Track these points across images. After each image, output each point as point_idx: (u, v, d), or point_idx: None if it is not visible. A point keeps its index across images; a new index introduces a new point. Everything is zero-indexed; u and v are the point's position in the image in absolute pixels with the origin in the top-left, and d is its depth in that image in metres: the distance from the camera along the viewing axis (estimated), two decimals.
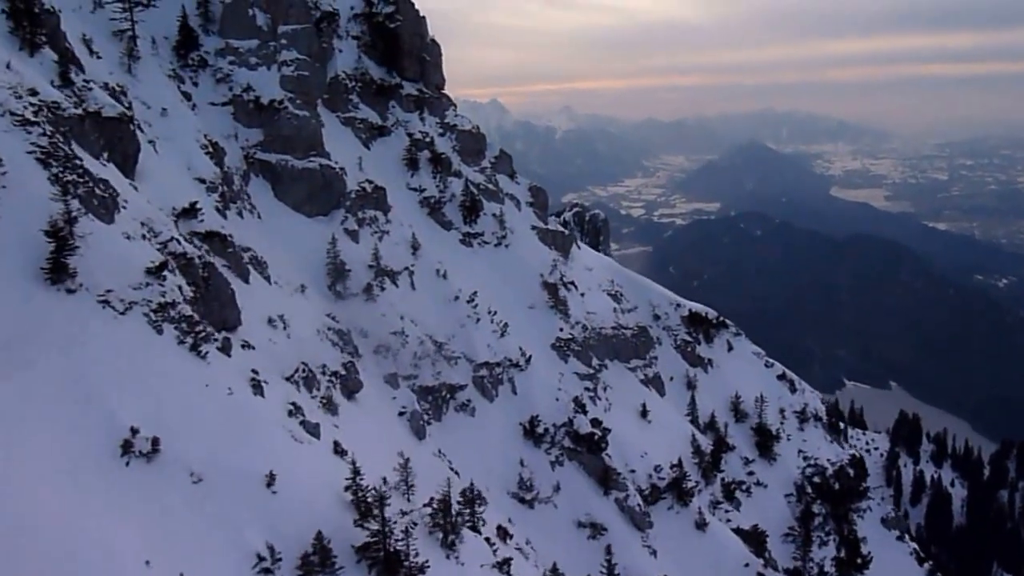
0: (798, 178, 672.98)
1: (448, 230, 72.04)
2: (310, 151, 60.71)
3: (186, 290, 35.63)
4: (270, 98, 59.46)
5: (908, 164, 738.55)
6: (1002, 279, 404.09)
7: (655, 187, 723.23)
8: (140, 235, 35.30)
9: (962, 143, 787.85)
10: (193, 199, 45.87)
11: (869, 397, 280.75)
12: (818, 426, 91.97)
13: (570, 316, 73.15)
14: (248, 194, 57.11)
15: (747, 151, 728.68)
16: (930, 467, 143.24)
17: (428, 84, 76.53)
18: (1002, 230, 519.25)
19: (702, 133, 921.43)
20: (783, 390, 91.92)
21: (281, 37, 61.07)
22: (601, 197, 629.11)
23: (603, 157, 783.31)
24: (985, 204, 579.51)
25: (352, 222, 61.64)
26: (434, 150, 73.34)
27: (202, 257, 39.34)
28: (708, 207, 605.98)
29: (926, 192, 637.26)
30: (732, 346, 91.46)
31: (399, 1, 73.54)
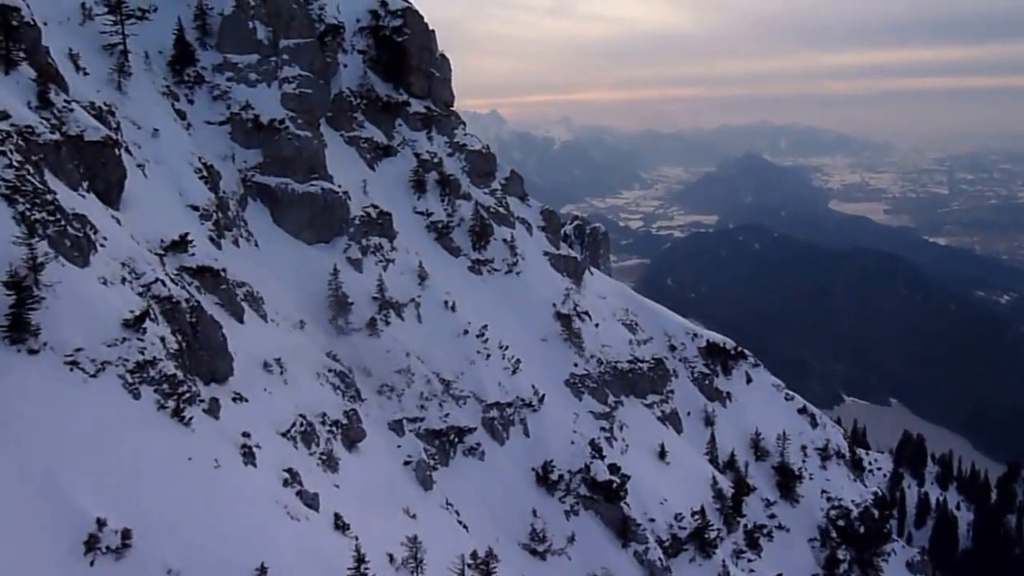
0: (796, 191, 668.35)
1: (456, 256, 67.80)
2: (312, 174, 56.48)
3: (170, 341, 31.34)
4: (270, 117, 55.23)
5: (908, 178, 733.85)
6: (1003, 295, 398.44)
7: (653, 199, 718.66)
8: (119, 278, 31.05)
9: (962, 157, 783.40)
10: (184, 230, 41.66)
11: (868, 414, 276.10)
12: (840, 463, 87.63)
13: (584, 349, 68.87)
14: (245, 220, 52.83)
15: (745, 163, 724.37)
16: (935, 489, 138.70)
17: (436, 101, 72.38)
18: (1003, 245, 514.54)
19: (700, 145, 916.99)
20: (804, 425, 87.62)
21: (283, 52, 56.88)
22: (599, 208, 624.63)
23: (601, 168, 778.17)
24: (985, 219, 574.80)
25: (355, 250, 57.38)
26: (442, 171, 69.15)
27: (190, 300, 35.00)
28: (706, 219, 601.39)
29: (926, 206, 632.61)
30: (751, 378, 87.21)
31: (407, 14, 69.43)
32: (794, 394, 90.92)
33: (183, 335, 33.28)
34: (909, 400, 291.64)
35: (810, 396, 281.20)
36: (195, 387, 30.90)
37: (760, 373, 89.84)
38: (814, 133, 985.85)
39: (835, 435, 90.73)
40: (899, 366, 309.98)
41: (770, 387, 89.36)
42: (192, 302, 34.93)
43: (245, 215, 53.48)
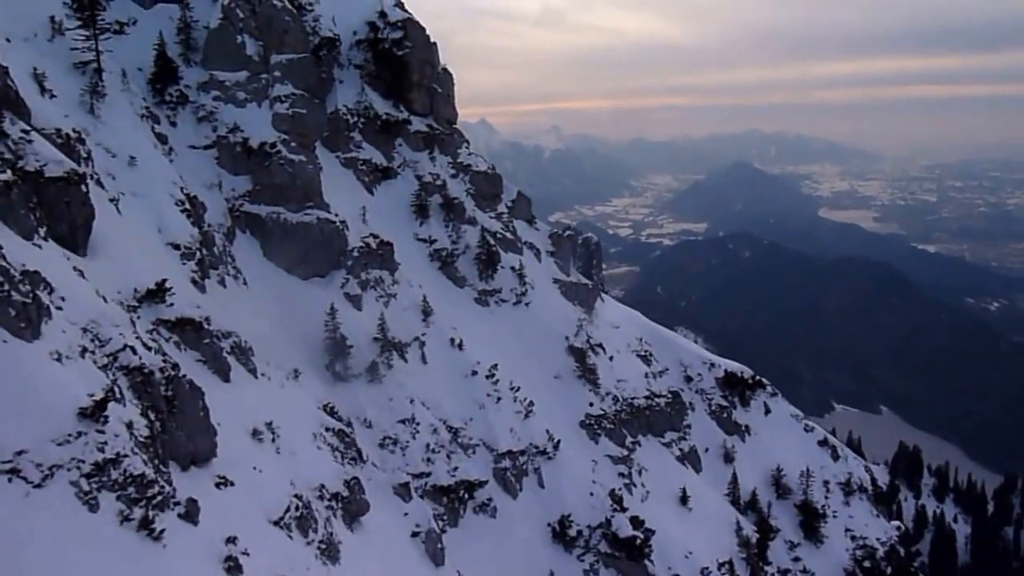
0: (786, 199, 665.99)
1: (461, 287, 62.45)
2: (306, 202, 50.99)
3: (140, 426, 25.75)
4: (261, 140, 49.72)
5: (897, 186, 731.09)
6: (993, 302, 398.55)
7: (643, 207, 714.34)
8: (78, 350, 25.43)
9: (951, 165, 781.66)
10: (162, 276, 36.05)
11: (860, 422, 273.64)
12: (863, 498, 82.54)
13: (599, 386, 63.56)
14: (232, 256, 47.25)
15: (735, 172, 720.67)
16: (932, 502, 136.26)
17: (439, 119, 67.02)
18: (992, 252, 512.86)
19: (690, 153, 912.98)
20: (825, 458, 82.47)
21: (274, 68, 51.38)
22: (588, 217, 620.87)
23: (591, 177, 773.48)
24: (975, 226, 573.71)
25: (354, 285, 51.90)
26: (446, 195, 63.78)
27: (166, 368, 29.43)
28: (696, 227, 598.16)
29: (915, 214, 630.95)
30: (769, 409, 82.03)
31: (408, 25, 64.05)
32: (814, 425, 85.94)
33: (157, 413, 27.72)
34: (900, 408, 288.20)
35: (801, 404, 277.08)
36: (169, 485, 25.31)
37: (779, 403, 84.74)
38: (803, 141, 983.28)
39: (857, 468, 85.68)
40: (890, 374, 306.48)
41: (789, 418, 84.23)
42: (168, 371, 29.35)
43: (233, 249, 47.91)
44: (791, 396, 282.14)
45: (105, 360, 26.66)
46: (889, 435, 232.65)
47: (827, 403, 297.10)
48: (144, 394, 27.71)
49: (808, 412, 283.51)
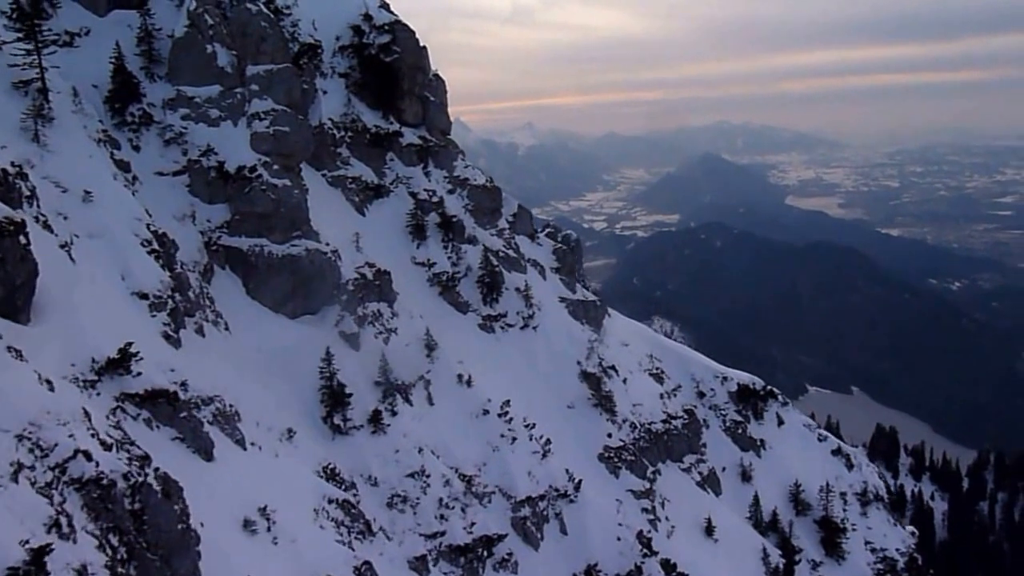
0: (755, 188, 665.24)
1: (465, 313, 55.81)
2: (293, 231, 44.02)
3: (96, 565, 19.00)
4: (239, 164, 42.61)
5: (860, 172, 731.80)
6: (955, 282, 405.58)
7: (616, 200, 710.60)
8: (10, 470, 18.63)
9: (912, 151, 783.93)
10: (127, 337, 29.16)
11: (832, 402, 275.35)
12: (880, 507, 77.12)
13: (616, 413, 57.24)
14: (211, 298, 40.23)
15: (705, 163, 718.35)
16: (909, 481, 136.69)
17: (432, 129, 60.20)
18: (953, 235, 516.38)
19: (661, 146, 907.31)
20: (840, 468, 76.86)
21: (251, 81, 44.23)
22: (564, 211, 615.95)
23: (565, 172, 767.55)
24: (936, 210, 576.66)
25: (350, 322, 45.03)
26: (443, 212, 57.03)
27: (132, 475, 22.56)
28: (668, 219, 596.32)
29: (879, 199, 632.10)
30: (782, 420, 76.21)
31: (396, 28, 57.12)
32: (827, 434, 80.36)
33: (121, 536, 20.92)
34: (870, 388, 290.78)
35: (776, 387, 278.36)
36: None
37: (790, 413, 79.08)
38: (770, 132, 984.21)
39: (871, 476, 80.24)
40: (860, 355, 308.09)
41: (802, 428, 78.51)
42: (134, 476, 22.49)
43: (211, 290, 40.88)
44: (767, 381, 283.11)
45: (49, 476, 19.78)
46: (861, 414, 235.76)
47: (801, 386, 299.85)
48: (104, 513, 20.85)
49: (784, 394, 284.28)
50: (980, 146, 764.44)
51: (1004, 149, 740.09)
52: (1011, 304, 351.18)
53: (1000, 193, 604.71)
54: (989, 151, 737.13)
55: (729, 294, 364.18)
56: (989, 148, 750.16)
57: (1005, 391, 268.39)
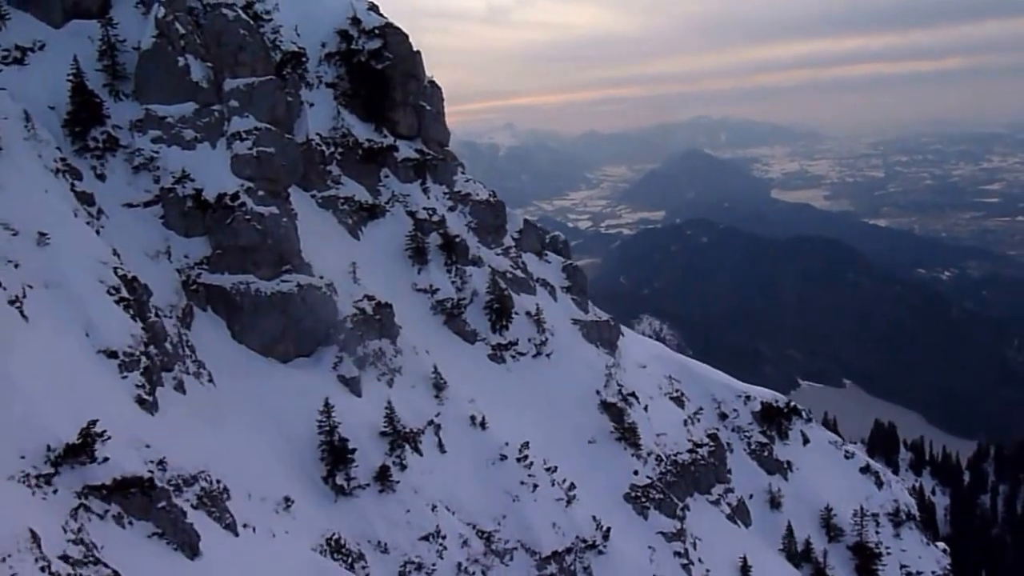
0: (739, 183, 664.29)
1: (472, 343, 51.10)
2: (282, 265, 39.13)
3: None
4: (218, 191, 37.69)
5: (844, 164, 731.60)
6: (944, 272, 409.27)
7: (600, 199, 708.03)
8: None
9: (895, 141, 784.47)
10: (91, 410, 24.48)
11: (824, 396, 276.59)
12: (913, 527, 73.15)
13: (641, 447, 52.70)
14: (191, 347, 35.31)
15: (688, 159, 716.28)
16: (910, 476, 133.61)
17: (429, 141, 55.44)
18: (940, 224, 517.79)
19: (643, 143, 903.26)
20: (870, 486, 72.78)
21: (229, 97, 39.27)
22: (547, 211, 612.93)
23: (547, 172, 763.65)
24: (922, 199, 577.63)
25: (349, 364, 40.21)
26: (445, 232, 52.25)
27: None
28: (653, 216, 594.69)
29: (864, 190, 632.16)
30: (807, 438, 72.05)
31: (387, 32, 52.31)
32: (853, 450, 76.31)
33: None
34: (862, 380, 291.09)
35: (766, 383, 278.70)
36: None
37: (814, 429, 74.98)
38: (752, 125, 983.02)
39: (901, 493, 76.23)
40: (850, 348, 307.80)
41: (827, 445, 74.43)
42: None
43: (191, 336, 35.95)
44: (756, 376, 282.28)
45: None
46: (854, 408, 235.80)
47: (792, 380, 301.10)
48: None
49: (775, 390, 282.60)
50: (964, 134, 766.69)
51: (988, 136, 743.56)
52: (1001, 292, 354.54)
53: (986, 180, 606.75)
54: (973, 139, 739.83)
55: (717, 290, 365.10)
56: (973, 136, 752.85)
57: (997, 380, 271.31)
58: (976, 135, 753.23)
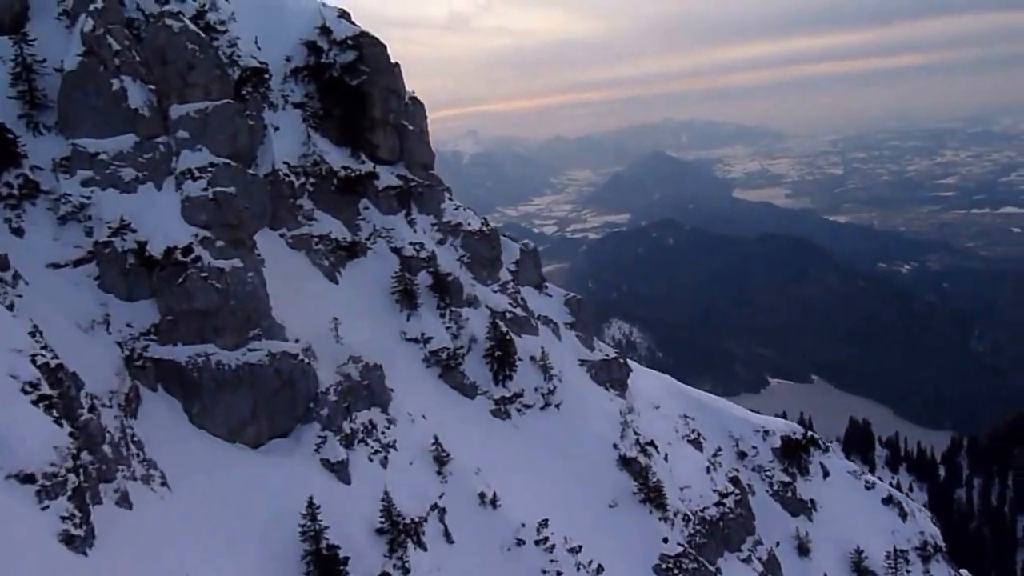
0: (702, 183, 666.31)
1: (472, 398, 44.11)
2: (249, 329, 31.77)
3: None
4: (167, 243, 30.23)
5: (804, 161, 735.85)
6: (904, 265, 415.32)
7: (565, 203, 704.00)
8: None
9: (853, 138, 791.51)
10: None
11: (793, 393, 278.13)
12: (940, 559, 67.63)
13: (667, 507, 46.01)
14: (138, 442, 27.85)
15: (652, 161, 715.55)
16: (887, 473, 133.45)
17: (412, 165, 48.39)
18: (899, 218, 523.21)
19: (607, 147, 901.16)
20: (894, 519, 67.03)
21: (178, 126, 31.85)
22: (513, 217, 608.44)
23: (512, 178, 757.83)
24: (881, 194, 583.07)
25: (335, 445, 32.93)
26: (436, 271, 45.20)
27: None
28: (619, 219, 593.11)
29: (824, 187, 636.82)
30: (827, 471, 66.15)
31: (362, 43, 45.15)
32: (874, 480, 70.59)
33: None
34: (830, 375, 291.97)
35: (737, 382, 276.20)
36: None
37: (833, 460, 69.13)
38: (713, 126, 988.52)
39: (926, 523, 70.61)
40: (817, 344, 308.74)
41: (847, 476, 68.55)
42: None
43: (137, 428, 28.47)
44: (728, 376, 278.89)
45: None
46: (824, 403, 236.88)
47: (762, 379, 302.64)
48: None
49: (745, 390, 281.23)
50: (919, 129, 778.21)
51: (943, 131, 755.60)
52: (961, 283, 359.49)
53: (941, 175, 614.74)
54: (928, 134, 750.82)
55: (684, 291, 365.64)
56: (928, 131, 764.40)
57: (961, 370, 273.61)
58: (930, 131, 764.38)
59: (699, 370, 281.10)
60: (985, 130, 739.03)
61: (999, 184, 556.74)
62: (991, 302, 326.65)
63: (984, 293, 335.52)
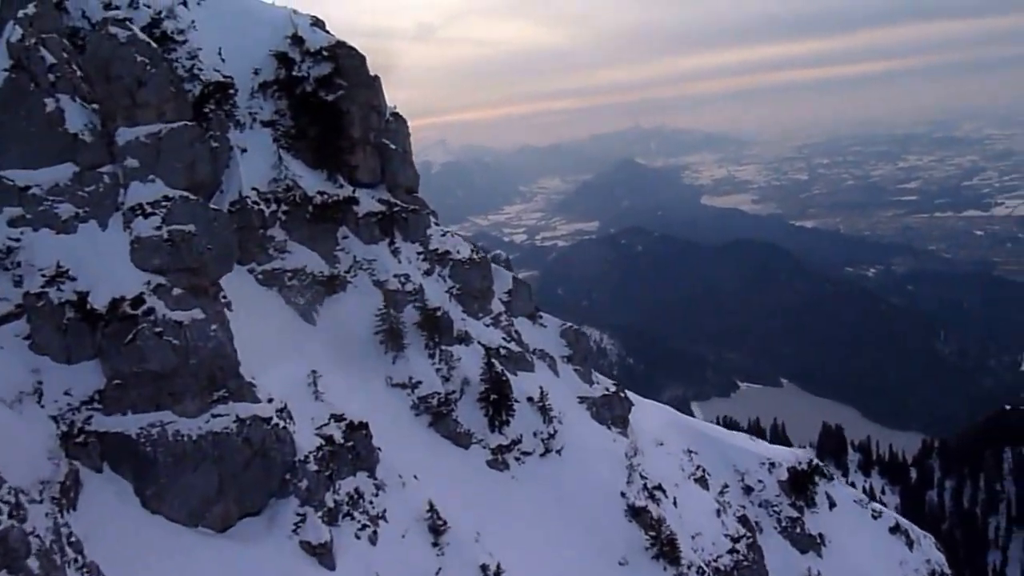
0: (670, 190, 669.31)
1: (467, 447, 39.24)
2: (213, 391, 26.70)
3: None
4: (114, 294, 25.08)
5: (771, 168, 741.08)
6: (870, 269, 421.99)
7: (535, 211, 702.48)
8: None
9: (818, 144, 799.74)
10: None
11: (763, 396, 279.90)
12: None
13: (680, 562, 41.56)
14: (76, 543, 22.61)
15: (620, 169, 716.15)
16: (859, 477, 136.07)
17: (395, 188, 43.55)
18: (864, 222, 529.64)
19: (576, 155, 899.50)
20: (902, 549, 63.52)
21: (126, 153, 26.73)
22: (483, 226, 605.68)
23: (481, 187, 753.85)
24: (846, 199, 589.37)
25: (316, 523, 27.83)
26: (425, 306, 40.37)
27: None
28: (588, 226, 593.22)
29: (790, 193, 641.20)
30: (833, 501, 62.31)
31: (339, 54, 40.22)
32: (880, 508, 67.05)
33: None
34: (798, 379, 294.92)
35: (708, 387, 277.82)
36: None
37: (837, 488, 65.40)
38: (681, 134, 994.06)
39: (932, 551, 67.15)
40: (787, 348, 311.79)
41: (854, 505, 64.86)
42: None
43: (76, 524, 23.24)
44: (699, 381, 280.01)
45: None
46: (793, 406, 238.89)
47: (732, 383, 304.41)
48: None
49: (715, 394, 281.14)
50: (882, 135, 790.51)
51: (906, 137, 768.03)
52: (925, 286, 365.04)
53: (904, 179, 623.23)
54: (891, 139, 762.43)
55: (654, 297, 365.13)
56: (891, 136, 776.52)
57: (927, 372, 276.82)
58: (893, 136, 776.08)
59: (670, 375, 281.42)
60: (947, 135, 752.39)
61: (962, 188, 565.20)
62: (955, 304, 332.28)
63: (948, 295, 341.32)
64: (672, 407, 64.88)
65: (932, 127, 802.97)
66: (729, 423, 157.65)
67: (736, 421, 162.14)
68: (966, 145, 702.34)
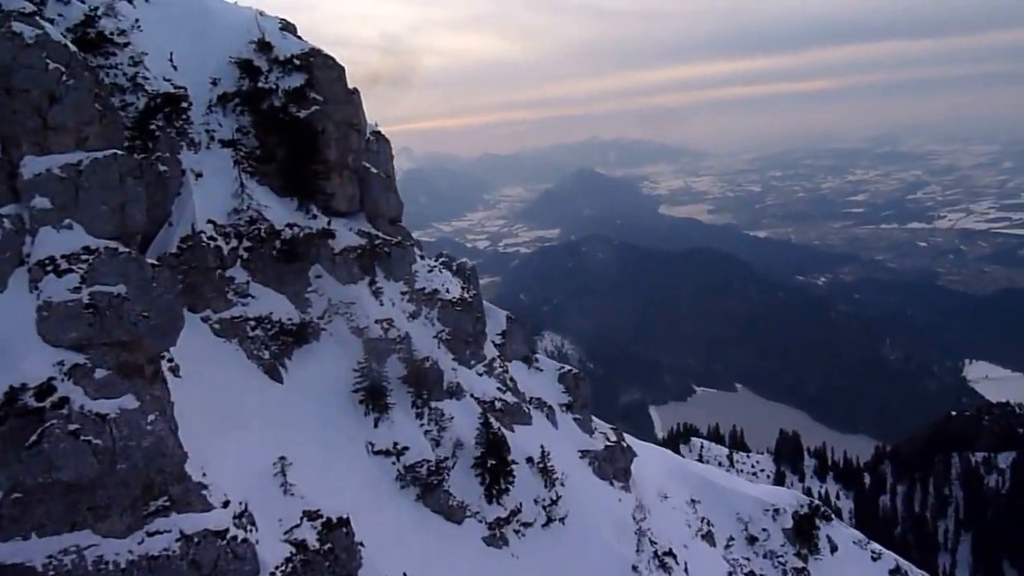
0: (629, 200, 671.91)
1: (460, 522, 32.70)
2: (150, 500, 19.79)
3: None
4: (15, 380, 18.06)
5: (725, 179, 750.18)
6: (820, 277, 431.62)
7: (497, 218, 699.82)
8: None
9: (771, 157, 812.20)
10: None
11: (718, 400, 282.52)
12: None
13: None
14: None
15: (581, 178, 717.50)
16: (815, 482, 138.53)
17: (377, 218, 36.86)
18: (814, 232, 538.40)
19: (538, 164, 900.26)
20: None
21: (35, 189, 19.69)
22: (446, 233, 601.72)
23: (445, 194, 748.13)
24: (797, 210, 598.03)
25: None
26: (411, 358, 33.72)
27: None
28: (549, 234, 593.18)
29: (744, 204, 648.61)
30: (834, 544, 57.24)
31: (313, 63, 33.46)
32: (880, 549, 62.04)
33: None
34: (752, 384, 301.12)
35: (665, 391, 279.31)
36: None
37: (836, 529, 60.29)
38: (639, 145, 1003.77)
39: None
40: (741, 353, 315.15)
41: (853, 547, 59.94)
42: None
43: None
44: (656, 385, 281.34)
45: None
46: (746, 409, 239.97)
47: (689, 388, 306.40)
48: None
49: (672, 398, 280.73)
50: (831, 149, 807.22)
51: (853, 151, 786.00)
52: (872, 294, 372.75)
53: (852, 192, 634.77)
54: (839, 154, 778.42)
55: (614, 304, 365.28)
56: (839, 151, 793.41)
57: (874, 377, 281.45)
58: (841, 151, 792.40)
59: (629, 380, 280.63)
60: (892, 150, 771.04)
61: (906, 201, 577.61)
62: (900, 312, 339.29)
63: (893, 303, 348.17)
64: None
65: (878, 143, 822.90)
66: (689, 429, 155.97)
67: (696, 428, 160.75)
68: (910, 160, 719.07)
